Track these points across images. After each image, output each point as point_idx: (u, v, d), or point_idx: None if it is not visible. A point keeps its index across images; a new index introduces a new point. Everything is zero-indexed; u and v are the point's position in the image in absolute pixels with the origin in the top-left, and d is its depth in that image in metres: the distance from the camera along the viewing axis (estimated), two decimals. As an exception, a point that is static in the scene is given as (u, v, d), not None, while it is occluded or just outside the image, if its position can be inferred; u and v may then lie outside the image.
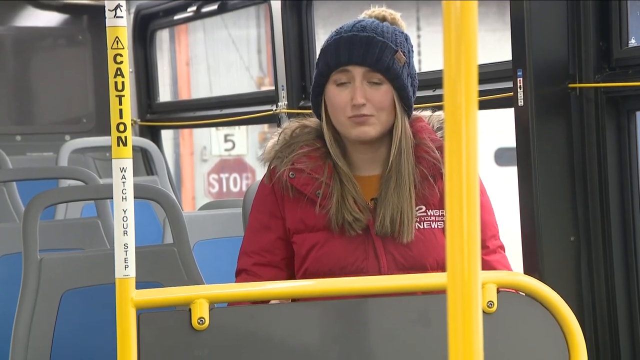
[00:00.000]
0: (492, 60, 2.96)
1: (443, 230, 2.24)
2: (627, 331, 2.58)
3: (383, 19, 2.27)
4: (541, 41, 2.55)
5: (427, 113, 2.33)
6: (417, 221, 2.22)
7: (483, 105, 2.06)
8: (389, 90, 2.21)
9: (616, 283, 2.57)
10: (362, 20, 2.26)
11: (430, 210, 2.24)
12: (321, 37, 3.96)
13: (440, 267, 2.22)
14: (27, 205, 2.78)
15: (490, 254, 2.26)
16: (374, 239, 2.22)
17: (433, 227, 2.24)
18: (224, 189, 9.85)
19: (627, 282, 2.59)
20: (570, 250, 2.58)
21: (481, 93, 1.15)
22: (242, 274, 2.29)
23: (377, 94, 2.20)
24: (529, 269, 2.55)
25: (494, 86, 2.77)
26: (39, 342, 2.67)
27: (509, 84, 2.62)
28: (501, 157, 8.85)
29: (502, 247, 2.31)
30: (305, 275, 2.24)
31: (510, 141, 2.89)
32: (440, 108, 2.40)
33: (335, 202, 2.21)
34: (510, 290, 1.90)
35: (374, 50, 2.19)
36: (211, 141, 9.98)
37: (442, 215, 2.24)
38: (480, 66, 1.15)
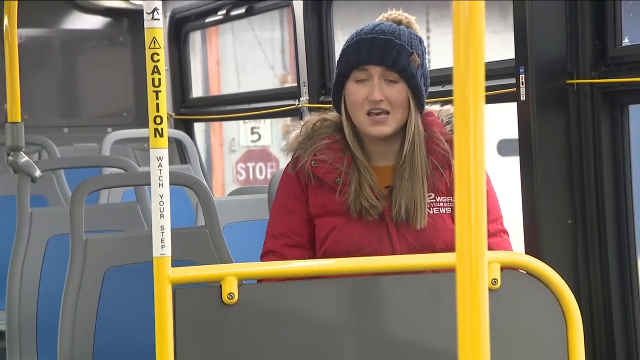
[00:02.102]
0: (496, 59, 2.95)
1: (450, 215, 2.24)
2: (620, 306, 2.57)
3: (399, 22, 2.27)
4: (541, 41, 2.53)
5: (436, 107, 2.33)
6: (428, 207, 2.22)
7: (488, 100, 2.06)
8: (404, 88, 2.20)
9: (610, 262, 2.56)
10: (381, 23, 2.26)
11: (439, 197, 2.24)
12: (339, 38, 3.94)
13: (449, 248, 2.21)
14: (73, 191, 2.78)
15: (491, 237, 2.24)
16: (388, 224, 2.22)
17: (442, 212, 2.24)
18: (251, 177, 9.87)
19: (620, 262, 2.58)
20: (568, 232, 2.57)
21: (486, 89, 1.14)
22: (269, 255, 2.28)
23: (393, 92, 2.20)
24: (529, 250, 2.54)
25: (498, 82, 2.76)
26: (85, 314, 2.68)
27: (512, 80, 2.60)
28: (503, 148, 8.82)
29: (504, 231, 2.30)
30: (325, 256, 2.24)
31: (512, 133, 2.87)
32: (448, 102, 2.40)
33: (354, 190, 2.22)
34: (513, 268, 1.90)
35: (391, 52, 2.19)
36: (239, 133, 9.99)
37: (450, 202, 2.24)
38: (486, 64, 1.13)
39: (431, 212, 2.23)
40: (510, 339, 1.88)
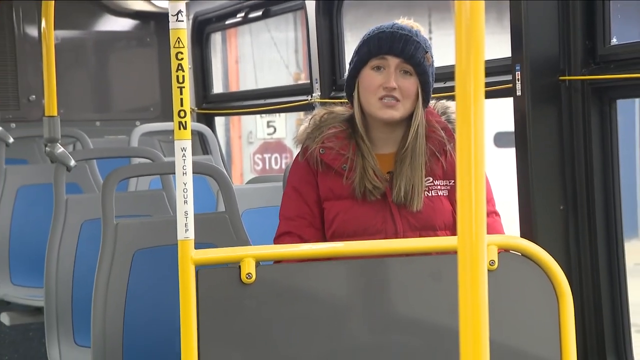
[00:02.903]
0: (493, 58, 2.93)
1: (447, 197, 2.26)
2: (607, 285, 2.56)
3: (411, 27, 2.28)
4: (536, 40, 2.52)
5: (432, 102, 2.34)
6: (426, 190, 2.23)
7: (486, 95, 2.03)
8: (416, 81, 2.22)
9: (598, 244, 2.55)
10: (399, 22, 2.28)
11: (436, 181, 2.26)
12: (348, 40, 3.93)
13: (448, 227, 2.23)
14: (105, 179, 2.79)
15: None
16: (391, 206, 2.23)
17: (439, 194, 2.26)
18: (267, 167, 9.88)
19: (608, 244, 2.57)
20: (560, 217, 2.56)
21: (484, 85, 1.13)
22: (285, 236, 2.28)
23: (406, 82, 2.22)
24: (524, 233, 2.53)
25: (495, 79, 2.74)
26: (116, 292, 2.69)
27: (509, 77, 2.59)
28: (500, 140, 8.80)
29: (496, 213, 2.30)
30: (334, 236, 2.24)
31: (508, 126, 2.85)
32: (450, 98, 2.40)
33: (359, 173, 2.23)
34: (509, 251, 1.89)
35: (410, 46, 2.21)
36: (256, 126, 10.00)
37: (446, 185, 2.26)
38: (484, 62, 1.12)
39: (430, 195, 2.24)
40: (507, 316, 1.87)
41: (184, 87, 1.60)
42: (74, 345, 3.23)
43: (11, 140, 4.21)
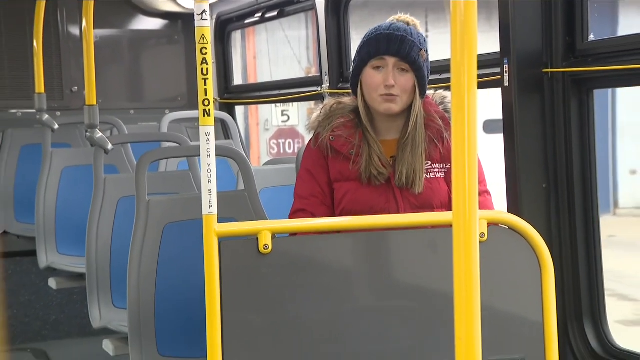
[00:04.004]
0: (483, 52, 2.90)
1: (444, 178, 2.25)
2: (584, 255, 2.55)
3: (407, 23, 2.26)
4: (522, 37, 2.49)
5: (431, 92, 2.32)
6: (425, 173, 2.22)
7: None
8: (412, 77, 2.20)
9: (577, 219, 2.54)
10: (396, 23, 2.25)
11: (434, 164, 2.24)
12: (354, 37, 3.90)
13: (444, 205, 2.22)
14: (138, 161, 2.78)
15: None
16: (394, 188, 2.22)
17: (437, 176, 2.24)
18: (281, 151, 9.87)
19: (585, 218, 2.55)
20: (543, 194, 2.54)
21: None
22: (299, 213, 2.27)
23: (403, 79, 2.20)
24: (511, 209, 2.52)
25: (485, 71, 2.71)
26: (148, 261, 2.69)
27: (497, 70, 2.57)
28: (488, 127, 8.76)
29: (487, 192, 2.29)
30: (343, 213, 2.24)
31: (495, 114, 2.83)
32: (445, 89, 2.38)
33: (365, 160, 2.21)
34: (497, 224, 1.88)
35: (405, 46, 2.18)
36: (272, 115, 9.98)
37: (443, 168, 2.24)
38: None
39: (428, 177, 2.23)
40: (495, 282, 1.86)
41: (207, 78, 1.59)
42: (112, 306, 3.24)
43: (56, 126, 4.21)
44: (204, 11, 1.57)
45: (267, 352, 1.77)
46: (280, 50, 9.94)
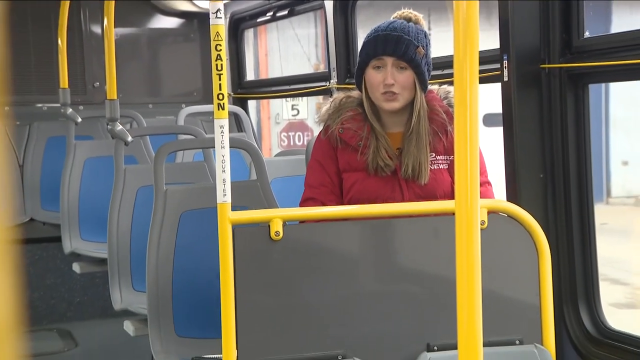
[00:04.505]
0: (483, 49, 2.88)
1: (447, 170, 2.23)
2: (580, 241, 2.53)
3: (409, 19, 2.24)
4: (520, 34, 2.47)
5: (435, 87, 2.30)
6: (429, 164, 2.20)
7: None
8: (411, 74, 2.18)
9: (572, 207, 2.52)
10: (394, 21, 2.23)
11: (438, 156, 2.23)
12: (360, 35, 3.88)
13: (446, 195, 2.21)
14: (156, 152, 2.78)
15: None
16: (400, 179, 2.21)
17: (440, 167, 2.23)
18: (292, 143, 9.86)
19: (580, 207, 2.54)
20: (540, 184, 2.53)
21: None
22: (309, 201, 2.27)
23: (402, 77, 2.18)
24: (510, 198, 2.51)
25: (485, 67, 2.69)
26: (166, 247, 2.69)
27: (497, 65, 2.55)
28: (488, 120, 8.72)
29: (488, 183, 2.28)
30: (351, 202, 2.23)
31: (495, 108, 2.82)
32: (447, 83, 2.37)
33: (372, 152, 2.20)
34: (497, 212, 1.87)
35: (401, 45, 2.16)
36: (282, 109, 9.97)
37: (446, 159, 2.23)
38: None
39: (432, 168, 2.21)
40: (495, 267, 1.85)
41: (222, 74, 1.58)
42: (132, 290, 3.25)
43: (79, 119, 4.22)
44: (219, 10, 1.57)
45: (277, 333, 1.77)
46: (291, 47, 9.91)
